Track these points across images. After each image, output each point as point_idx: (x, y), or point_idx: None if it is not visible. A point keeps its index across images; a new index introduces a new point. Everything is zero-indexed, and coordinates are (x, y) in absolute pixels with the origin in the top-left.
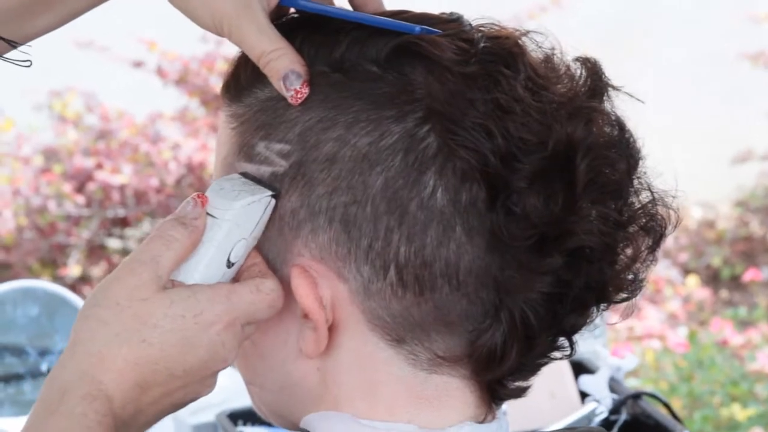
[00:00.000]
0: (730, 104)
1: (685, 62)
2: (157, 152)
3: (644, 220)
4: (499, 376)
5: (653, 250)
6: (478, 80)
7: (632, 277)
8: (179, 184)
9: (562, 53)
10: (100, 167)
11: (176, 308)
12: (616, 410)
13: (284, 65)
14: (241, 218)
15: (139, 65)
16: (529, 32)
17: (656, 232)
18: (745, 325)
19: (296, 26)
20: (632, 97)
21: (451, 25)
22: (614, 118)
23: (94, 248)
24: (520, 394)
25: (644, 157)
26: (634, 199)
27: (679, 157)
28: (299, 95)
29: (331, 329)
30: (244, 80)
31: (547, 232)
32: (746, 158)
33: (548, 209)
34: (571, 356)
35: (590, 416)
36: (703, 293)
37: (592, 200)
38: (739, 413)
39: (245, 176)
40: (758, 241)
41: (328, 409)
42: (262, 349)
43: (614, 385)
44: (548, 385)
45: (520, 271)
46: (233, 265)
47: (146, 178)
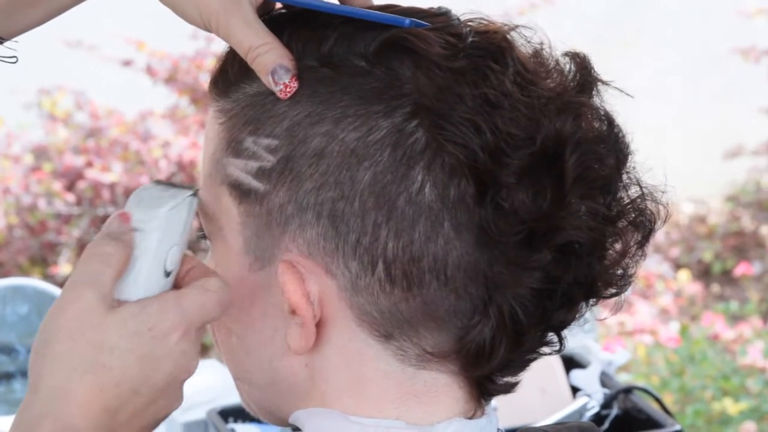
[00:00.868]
0: (722, 100)
1: (677, 59)
2: (147, 150)
3: (633, 215)
4: (487, 371)
5: (642, 245)
6: (466, 75)
7: (621, 272)
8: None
9: (551, 48)
10: (90, 165)
11: (129, 326)
12: (607, 405)
13: (272, 60)
14: (167, 224)
15: (128, 64)
16: (517, 27)
17: (645, 227)
18: (736, 319)
19: (284, 21)
20: (622, 92)
21: (439, 19)
22: (603, 113)
23: (84, 246)
24: (509, 389)
25: (633, 152)
26: (623, 194)
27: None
28: (288, 89)
29: (318, 325)
30: (231, 75)
31: (535, 227)
32: (737, 153)
33: (537, 205)
34: (560, 352)
35: (581, 411)
36: (694, 288)
37: (580, 195)
38: (730, 407)
39: (159, 183)
40: (749, 235)
41: (316, 405)
42: (248, 345)
43: (605, 379)
44: (539, 380)
45: (508, 266)
46: (170, 273)
47: (136, 176)
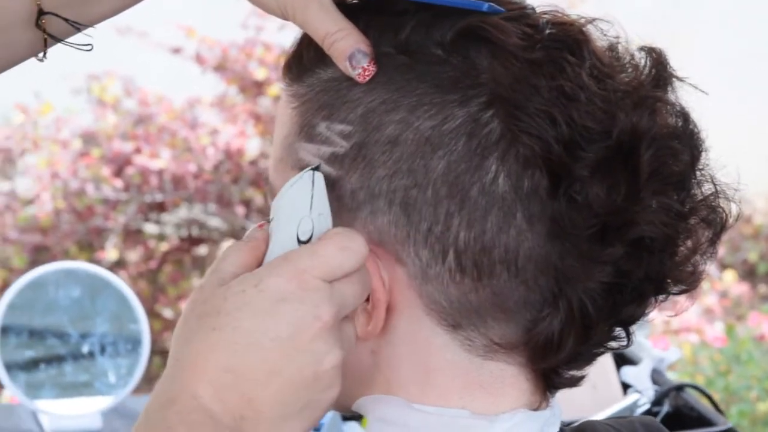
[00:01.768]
0: (765, 98)
1: (724, 57)
2: (195, 138)
3: (705, 212)
4: (554, 364)
5: (713, 242)
6: (543, 66)
7: (691, 269)
8: (217, 169)
9: (626, 42)
10: (138, 152)
11: (234, 288)
12: (658, 402)
13: (350, 44)
14: (291, 199)
15: (177, 51)
16: (594, 20)
17: (717, 224)
18: None
19: (360, 9)
20: (696, 88)
21: (515, 8)
22: (678, 108)
23: (130, 233)
24: (575, 383)
25: (707, 148)
26: (696, 190)
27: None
28: (366, 73)
29: (387, 312)
30: (306, 60)
31: (608, 221)
32: None
33: (611, 198)
34: (627, 347)
35: (632, 407)
36: (740, 288)
37: (654, 191)
38: None
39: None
40: None
41: (380, 392)
42: None
43: (656, 376)
44: (590, 375)
45: (580, 259)
46: (306, 242)
47: (184, 163)
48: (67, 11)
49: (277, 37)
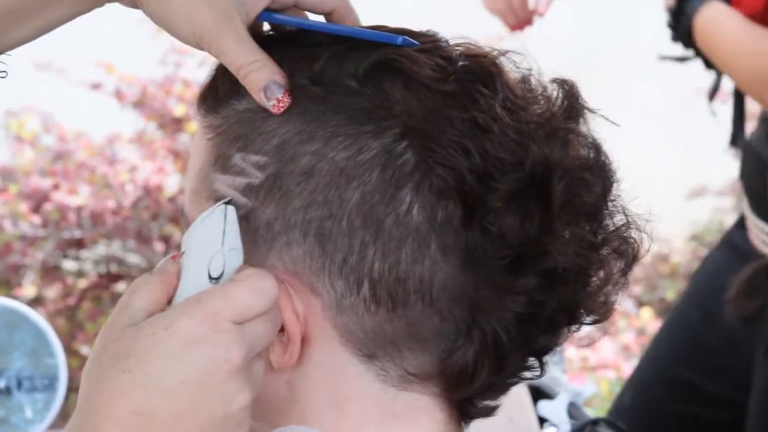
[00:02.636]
0: (685, 139)
1: (645, 97)
2: (114, 174)
3: (617, 242)
4: (469, 394)
5: (625, 273)
6: (456, 98)
7: (603, 299)
8: (136, 206)
9: (539, 74)
10: (56, 188)
11: (146, 330)
12: None
13: (264, 76)
14: (203, 234)
15: (97, 87)
16: (507, 52)
17: (629, 255)
18: None
19: (274, 41)
20: (607, 120)
21: (428, 40)
22: (590, 140)
23: (49, 269)
24: (489, 413)
25: (619, 180)
26: (608, 221)
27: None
28: (281, 104)
29: (302, 343)
30: (221, 92)
31: (522, 252)
32: (701, 193)
33: (524, 229)
34: (540, 377)
35: None
36: (657, 325)
37: (567, 221)
38: None
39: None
40: None
41: (295, 422)
42: None
43: (573, 411)
44: (507, 409)
45: (494, 290)
46: (219, 279)
47: (103, 199)
48: None
49: (196, 73)
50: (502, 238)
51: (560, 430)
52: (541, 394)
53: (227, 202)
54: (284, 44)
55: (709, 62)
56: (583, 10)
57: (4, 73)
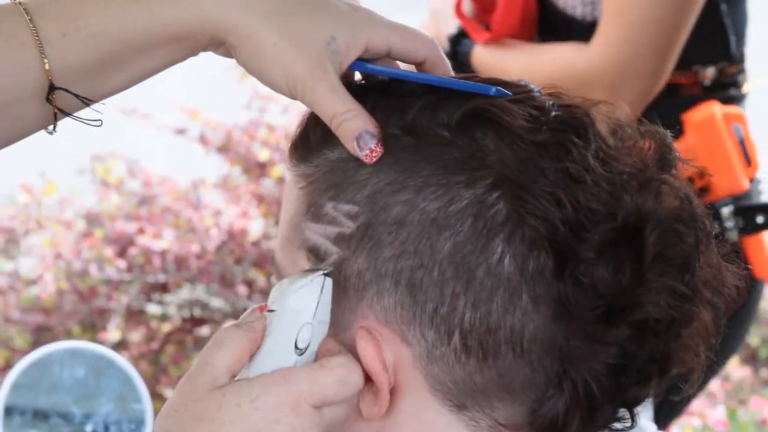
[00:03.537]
0: None
1: None
2: (198, 218)
3: (710, 294)
4: None
5: (717, 324)
6: (549, 149)
7: (695, 351)
8: (220, 250)
9: (630, 124)
10: (141, 232)
11: (230, 398)
12: None
13: (357, 126)
14: (297, 303)
15: (181, 132)
16: (599, 102)
17: (720, 307)
18: None
19: (367, 90)
20: (699, 169)
21: (520, 90)
22: (682, 191)
23: (133, 313)
24: None
25: (712, 230)
26: (700, 272)
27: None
28: (374, 154)
29: (392, 392)
30: (313, 141)
31: (614, 303)
32: None
33: (616, 280)
34: (632, 428)
35: None
36: (742, 372)
37: (659, 272)
38: None
39: (304, 270)
40: None
41: None
42: None
43: None
44: None
45: (585, 341)
46: (304, 351)
47: (187, 243)
48: (77, 86)
49: (280, 118)
50: (594, 288)
51: None
52: None
53: (327, 273)
54: (376, 94)
55: None
56: None
57: (99, 121)
